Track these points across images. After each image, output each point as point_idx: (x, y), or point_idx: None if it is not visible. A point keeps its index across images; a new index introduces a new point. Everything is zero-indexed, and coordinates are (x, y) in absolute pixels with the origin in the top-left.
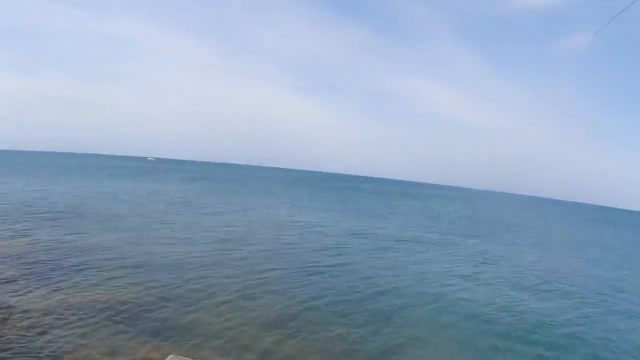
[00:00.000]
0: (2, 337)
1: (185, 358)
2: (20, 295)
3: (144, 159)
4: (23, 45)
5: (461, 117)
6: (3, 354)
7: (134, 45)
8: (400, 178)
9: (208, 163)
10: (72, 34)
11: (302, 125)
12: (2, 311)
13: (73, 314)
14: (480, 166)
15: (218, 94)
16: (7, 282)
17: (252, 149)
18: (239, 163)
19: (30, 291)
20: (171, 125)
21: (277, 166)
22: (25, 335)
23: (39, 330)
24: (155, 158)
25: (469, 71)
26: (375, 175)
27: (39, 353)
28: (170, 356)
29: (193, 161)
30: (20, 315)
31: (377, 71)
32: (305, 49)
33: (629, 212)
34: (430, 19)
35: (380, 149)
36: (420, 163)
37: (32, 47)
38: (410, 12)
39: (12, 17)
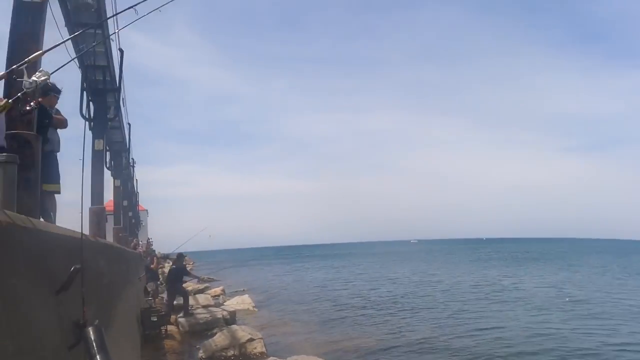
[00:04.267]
0: None
1: None
2: None
3: (407, 242)
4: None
5: None
6: None
7: (381, 135)
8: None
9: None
10: (331, 138)
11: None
12: None
13: None
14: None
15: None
16: None
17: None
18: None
19: None
20: (425, 207)
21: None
22: None
23: None
24: (418, 240)
25: None
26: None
27: None
28: None
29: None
30: None
31: None
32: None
33: None
34: None
35: None
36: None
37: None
38: None
39: None
